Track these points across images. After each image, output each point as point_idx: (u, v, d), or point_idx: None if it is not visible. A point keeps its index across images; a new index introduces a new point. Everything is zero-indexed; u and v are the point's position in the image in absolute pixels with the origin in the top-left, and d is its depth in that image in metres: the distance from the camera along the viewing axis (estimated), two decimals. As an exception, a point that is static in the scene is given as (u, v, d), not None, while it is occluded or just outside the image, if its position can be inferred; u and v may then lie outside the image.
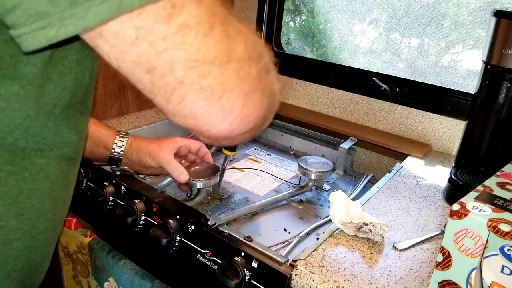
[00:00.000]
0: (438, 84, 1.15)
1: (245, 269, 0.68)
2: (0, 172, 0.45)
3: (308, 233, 0.84)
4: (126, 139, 0.90)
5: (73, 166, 0.55)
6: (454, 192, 0.86)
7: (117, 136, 0.90)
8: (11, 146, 0.44)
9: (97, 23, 0.34)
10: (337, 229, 0.75)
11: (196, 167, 0.94)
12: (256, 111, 0.45)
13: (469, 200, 0.53)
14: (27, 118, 0.44)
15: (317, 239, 0.73)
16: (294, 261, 0.66)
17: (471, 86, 1.12)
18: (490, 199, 0.54)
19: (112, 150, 0.89)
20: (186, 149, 0.95)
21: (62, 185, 0.53)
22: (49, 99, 0.44)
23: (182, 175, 0.87)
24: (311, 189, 1.03)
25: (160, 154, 0.88)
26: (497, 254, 0.50)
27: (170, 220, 0.77)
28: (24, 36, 0.34)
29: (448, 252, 0.54)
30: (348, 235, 0.74)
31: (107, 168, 0.92)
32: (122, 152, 0.89)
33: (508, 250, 0.49)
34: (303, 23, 1.47)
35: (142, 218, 0.83)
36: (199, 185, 0.90)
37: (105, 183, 0.90)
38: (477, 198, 0.54)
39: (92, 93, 0.53)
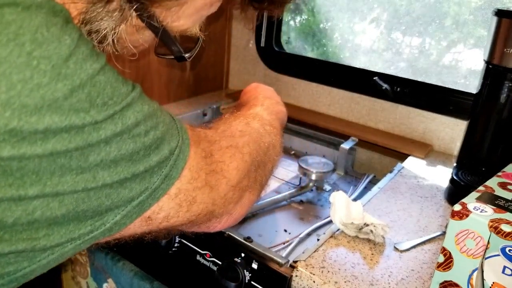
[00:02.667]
0: (440, 84, 1.14)
1: (245, 270, 0.67)
2: None
3: (309, 234, 0.83)
4: None
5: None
6: (456, 192, 0.85)
7: None
8: None
9: (60, 262, 0.37)
10: (337, 230, 0.75)
11: None
12: (247, 207, 0.54)
13: (470, 201, 0.53)
14: None
15: (318, 240, 0.73)
16: (295, 262, 0.66)
17: (472, 85, 1.12)
18: (491, 199, 0.54)
19: None
20: None
21: None
22: None
23: None
24: (312, 190, 1.03)
25: None
26: (498, 255, 0.50)
27: (169, 221, 0.77)
28: None
29: (450, 253, 0.54)
30: (349, 236, 0.73)
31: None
32: None
33: (509, 250, 0.49)
34: (304, 22, 1.46)
35: (142, 219, 0.82)
36: None
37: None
38: (478, 199, 0.54)
39: None
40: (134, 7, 0.40)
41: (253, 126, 0.60)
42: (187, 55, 0.53)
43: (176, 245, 0.76)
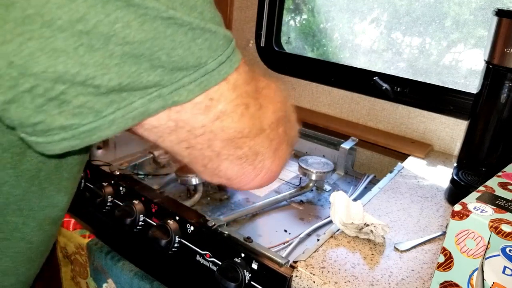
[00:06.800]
0: (440, 84, 1.14)
1: (245, 271, 0.67)
2: None
3: (309, 234, 0.83)
4: None
5: (58, 222, 0.51)
6: (456, 192, 0.85)
7: None
8: None
9: (124, 128, 0.34)
10: (338, 230, 0.75)
11: None
12: (282, 162, 0.48)
13: (470, 201, 0.53)
14: (5, 185, 0.41)
15: (318, 240, 0.73)
16: (295, 262, 0.66)
17: (472, 85, 1.12)
18: (492, 199, 0.54)
19: None
20: None
21: (41, 242, 0.49)
22: (31, 165, 0.41)
23: None
24: (312, 190, 1.03)
25: None
26: (498, 255, 0.50)
27: (169, 221, 0.77)
28: (43, 144, 0.33)
29: (450, 253, 0.53)
30: (349, 236, 0.73)
31: (106, 168, 0.92)
32: None
33: (509, 251, 0.49)
34: (304, 22, 1.46)
35: (141, 219, 0.82)
36: (194, 181, 0.89)
37: (103, 183, 0.89)
38: (478, 199, 0.54)
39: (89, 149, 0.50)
40: None
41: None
42: None
43: (176, 245, 0.76)
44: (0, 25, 0.27)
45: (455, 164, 0.92)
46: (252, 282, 0.67)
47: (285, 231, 0.86)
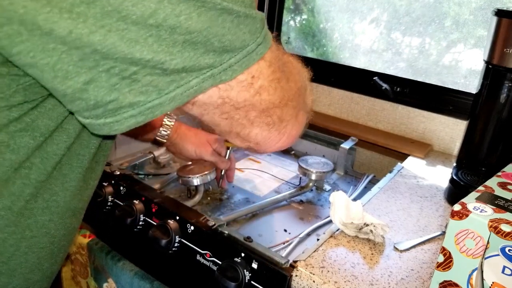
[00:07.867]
0: (439, 84, 1.14)
1: (245, 270, 0.68)
2: (0, 234, 0.44)
3: (309, 234, 0.83)
4: (172, 123, 0.92)
5: (78, 216, 0.54)
6: (455, 192, 0.85)
7: (164, 120, 0.92)
8: (19, 208, 0.44)
9: (181, 104, 0.39)
10: (337, 230, 0.75)
11: (192, 166, 0.93)
12: (301, 127, 0.55)
13: (470, 201, 0.53)
14: (32, 171, 0.43)
15: (318, 239, 0.73)
16: (295, 262, 0.66)
17: (472, 85, 1.12)
18: (491, 199, 0.54)
19: (158, 133, 0.91)
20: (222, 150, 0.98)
21: (63, 235, 0.51)
22: (58, 149, 0.44)
23: (224, 163, 0.95)
24: (312, 190, 1.03)
25: (203, 148, 0.94)
26: (498, 255, 0.50)
27: (169, 221, 0.77)
28: (109, 124, 0.37)
29: (449, 253, 0.54)
30: (349, 235, 0.73)
31: (106, 168, 0.92)
32: (167, 136, 0.91)
33: (509, 250, 0.49)
34: (304, 22, 1.46)
35: (141, 219, 0.83)
36: (195, 181, 0.89)
37: (104, 183, 0.89)
38: (478, 199, 0.54)
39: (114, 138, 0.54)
40: None
41: None
42: None
43: (176, 245, 0.76)
44: (83, 19, 0.31)
45: (455, 164, 0.92)
46: (252, 282, 0.67)
47: (285, 231, 0.86)
